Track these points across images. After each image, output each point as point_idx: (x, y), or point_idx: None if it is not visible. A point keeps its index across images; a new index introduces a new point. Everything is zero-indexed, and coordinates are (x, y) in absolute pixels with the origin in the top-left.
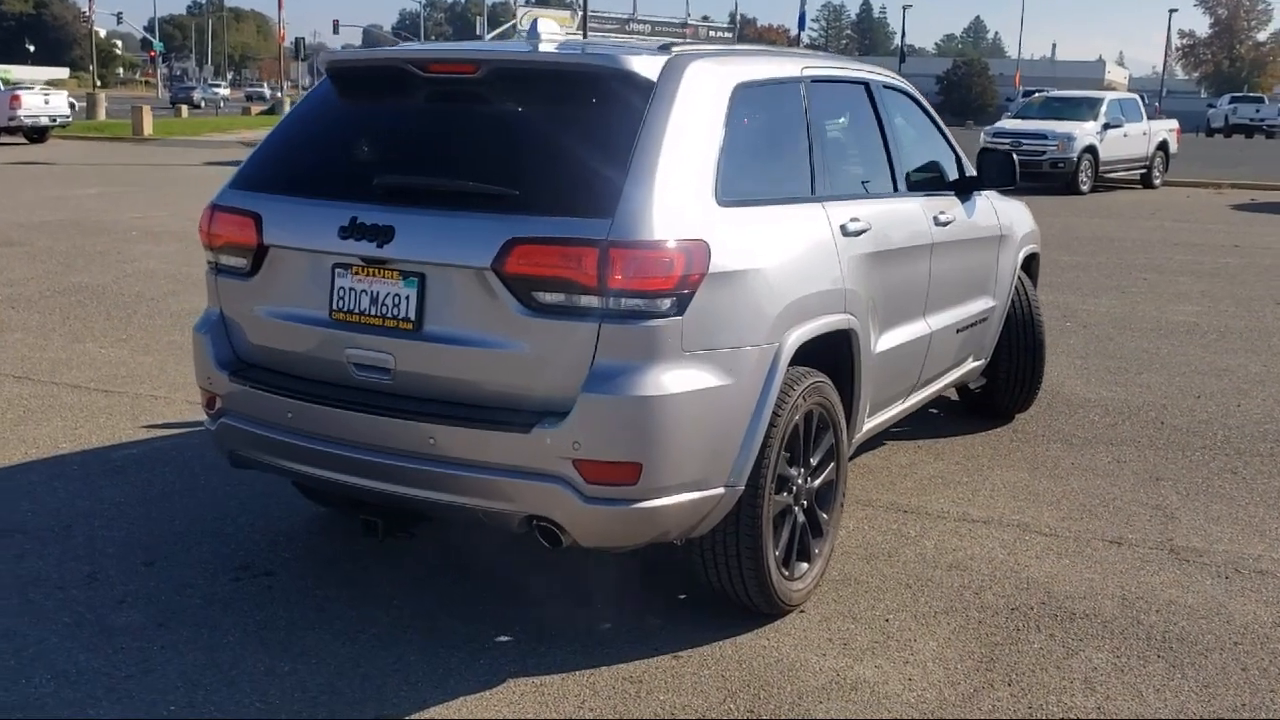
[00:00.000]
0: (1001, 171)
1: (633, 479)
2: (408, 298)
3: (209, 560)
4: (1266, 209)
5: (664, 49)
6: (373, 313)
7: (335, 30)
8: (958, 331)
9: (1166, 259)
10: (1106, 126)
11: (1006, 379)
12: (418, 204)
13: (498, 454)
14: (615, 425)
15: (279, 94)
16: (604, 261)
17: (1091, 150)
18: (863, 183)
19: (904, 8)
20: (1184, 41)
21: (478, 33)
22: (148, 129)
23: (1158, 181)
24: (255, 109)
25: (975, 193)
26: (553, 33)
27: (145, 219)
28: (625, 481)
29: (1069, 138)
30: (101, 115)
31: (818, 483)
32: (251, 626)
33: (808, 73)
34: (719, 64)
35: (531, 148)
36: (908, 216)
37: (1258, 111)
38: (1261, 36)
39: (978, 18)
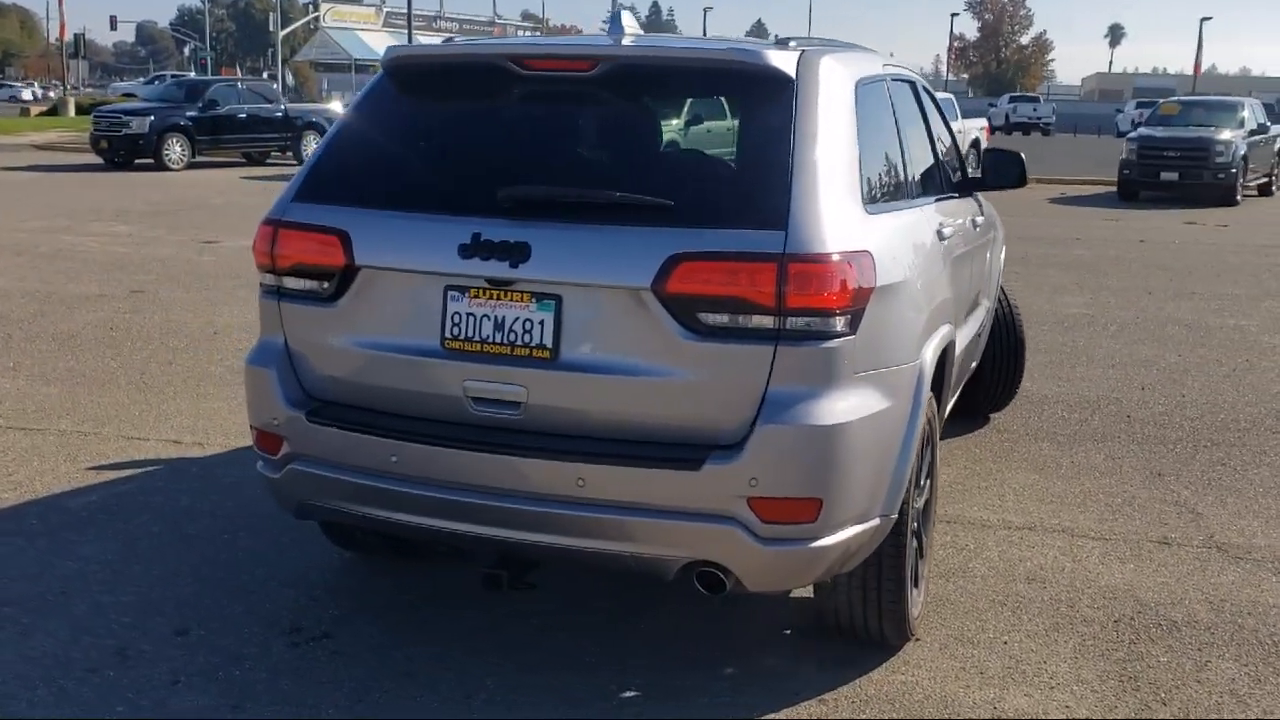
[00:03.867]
0: (1009, 173)
1: (812, 516)
2: (542, 323)
3: (248, 623)
4: (1079, 201)
5: (781, 43)
6: (498, 340)
7: (113, 27)
8: (976, 335)
9: (1022, 253)
10: None
11: (991, 379)
12: (552, 218)
13: (660, 494)
14: (797, 458)
15: (51, 94)
16: (782, 278)
17: None
18: (928, 185)
19: (704, 10)
20: (957, 44)
21: (271, 29)
22: None
23: None
24: (36, 109)
25: (976, 193)
26: (632, 28)
27: None
28: (804, 520)
29: None
30: None
31: (922, 502)
32: (342, 700)
33: (887, 70)
34: (839, 59)
35: (676, 153)
36: (962, 220)
37: (1034, 110)
38: (1024, 40)
39: (759, 21)
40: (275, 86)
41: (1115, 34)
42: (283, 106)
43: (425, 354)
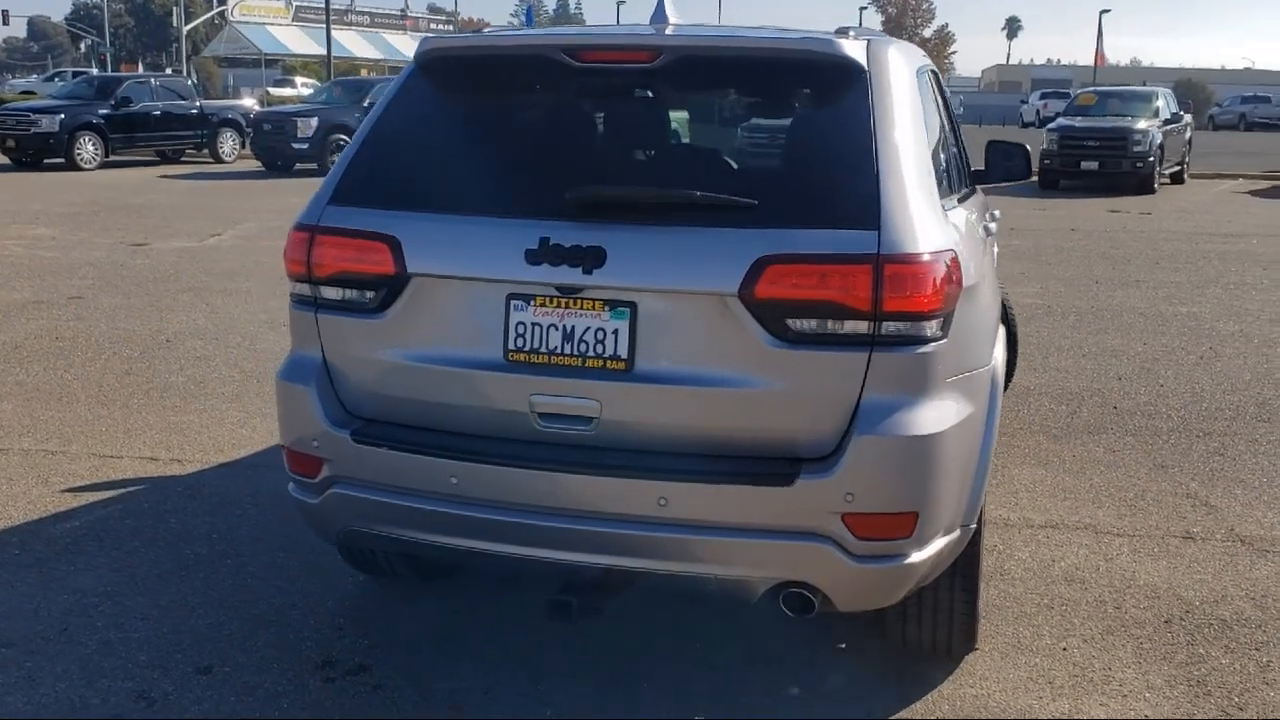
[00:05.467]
0: (1014, 165)
1: (908, 531)
2: (616, 332)
3: (275, 657)
4: (1001, 191)
5: (841, 32)
6: (567, 351)
7: (5, 21)
8: None
9: None
10: None
11: None
12: (626, 220)
13: (749, 513)
14: (894, 471)
15: None
16: (878, 281)
17: None
18: (961, 179)
19: (618, 3)
20: None
21: (175, 24)
22: None
23: None
24: None
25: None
26: (674, 16)
27: None
28: (900, 535)
29: None
30: None
31: None
32: None
33: (925, 60)
34: (899, 48)
35: (750, 148)
36: (988, 213)
37: None
38: (927, 33)
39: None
40: (189, 83)
41: (1012, 26)
42: (198, 103)
43: (486, 367)
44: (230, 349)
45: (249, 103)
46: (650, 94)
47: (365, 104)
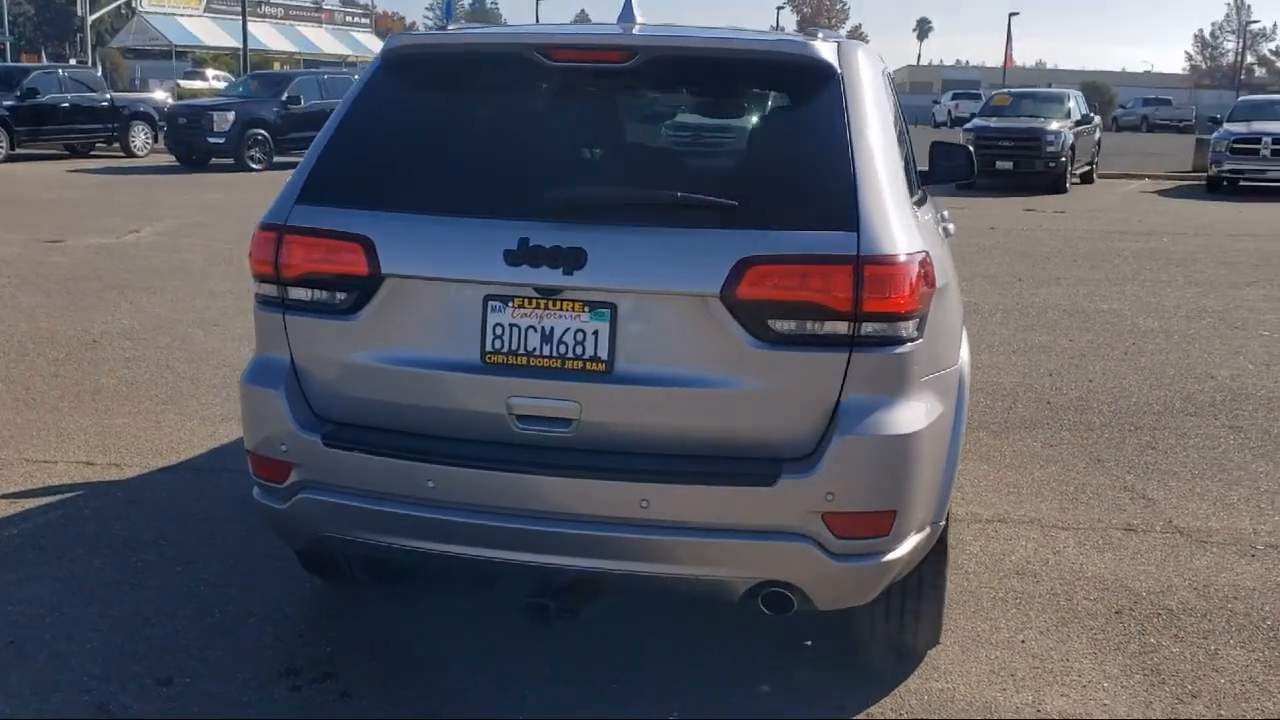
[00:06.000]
0: (958, 165)
1: (887, 530)
2: (596, 333)
3: (237, 666)
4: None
5: (810, 34)
6: (546, 353)
7: None
8: None
9: None
10: None
11: None
12: (607, 221)
13: (731, 513)
14: (874, 470)
15: None
16: (858, 281)
17: None
18: (917, 180)
19: (536, 0)
20: None
21: (80, 13)
22: None
23: None
24: None
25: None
26: (640, 17)
27: None
28: (878, 534)
29: None
30: None
31: None
32: None
33: (883, 63)
34: (864, 51)
35: (732, 149)
36: (939, 216)
37: None
38: (842, 32)
39: (583, 11)
40: (99, 74)
41: (923, 28)
42: (108, 95)
43: (462, 369)
44: (160, 349)
45: (161, 95)
46: (627, 94)
47: (284, 98)
